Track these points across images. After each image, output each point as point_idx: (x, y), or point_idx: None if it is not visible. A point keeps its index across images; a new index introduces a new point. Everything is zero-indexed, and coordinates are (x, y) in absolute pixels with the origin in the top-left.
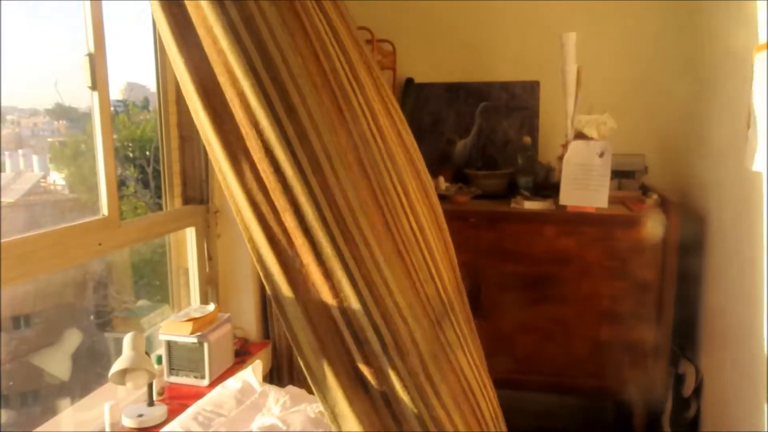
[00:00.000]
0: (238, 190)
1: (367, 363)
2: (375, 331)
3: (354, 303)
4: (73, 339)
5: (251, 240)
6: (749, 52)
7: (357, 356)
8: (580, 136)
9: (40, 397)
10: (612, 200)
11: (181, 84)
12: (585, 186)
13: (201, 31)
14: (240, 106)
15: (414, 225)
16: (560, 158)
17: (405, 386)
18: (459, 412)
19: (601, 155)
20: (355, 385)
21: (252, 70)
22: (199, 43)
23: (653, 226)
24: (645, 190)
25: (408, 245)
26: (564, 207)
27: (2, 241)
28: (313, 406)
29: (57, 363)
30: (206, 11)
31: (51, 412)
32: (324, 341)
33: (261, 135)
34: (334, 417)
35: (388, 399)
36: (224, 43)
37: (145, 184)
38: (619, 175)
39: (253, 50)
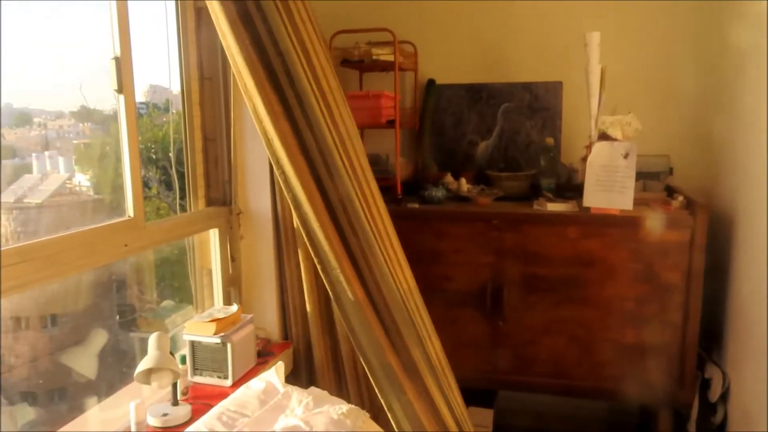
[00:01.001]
0: (297, 183)
1: (410, 352)
2: (413, 322)
3: (395, 296)
4: (99, 338)
5: (311, 235)
6: None
7: (400, 346)
8: (604, 137)
9: (66, 395)
10: (637, 202)
11: (236, 74)
12: (609, 188)
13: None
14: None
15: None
16: (584, 159)
17: (436, 376)
18: (463, 403)
19: (626, 156)
20: (409, 375)
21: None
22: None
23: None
24: (670, 191)
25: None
26: (587, 209)
27: (31, 242)
28: (336, 408)
29: (83, 362)
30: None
31: (78, 410)
32: (376, 334)
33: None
34: (392, 410)
35: (427, 390)
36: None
37: (168, 186)
38: (644, 176)
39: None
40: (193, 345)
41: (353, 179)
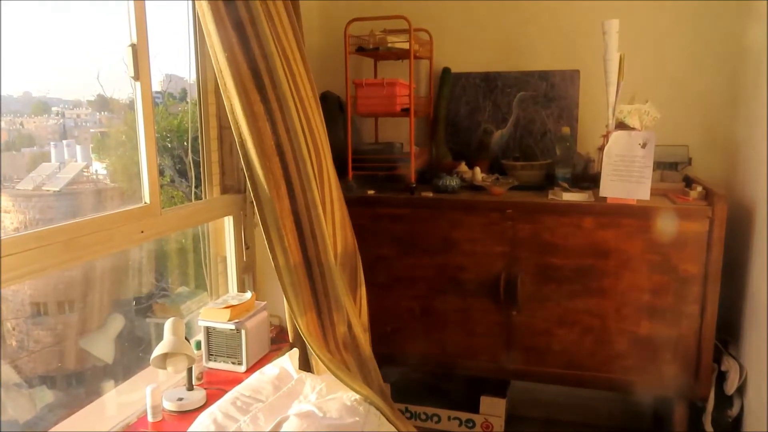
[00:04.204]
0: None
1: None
2: None
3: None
4: (115, 324)
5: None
6: None
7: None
8: (621, 126)
9: (84, 379)
10: (654, 192)
11: (217, 72)
12: (626, 178)
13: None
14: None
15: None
16: (600, 149)
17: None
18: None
19: (644, 146)
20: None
21: None
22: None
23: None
24: (689, 182)
25: None
26: (604, 199)
27: (48, 227)
28: (349, 395)
29: (101, 346)
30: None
31: (95, 393)
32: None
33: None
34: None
35: None
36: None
37: (182, 174)
38: (662, 166)
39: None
40: (208, 331)
41: (319, 187)
